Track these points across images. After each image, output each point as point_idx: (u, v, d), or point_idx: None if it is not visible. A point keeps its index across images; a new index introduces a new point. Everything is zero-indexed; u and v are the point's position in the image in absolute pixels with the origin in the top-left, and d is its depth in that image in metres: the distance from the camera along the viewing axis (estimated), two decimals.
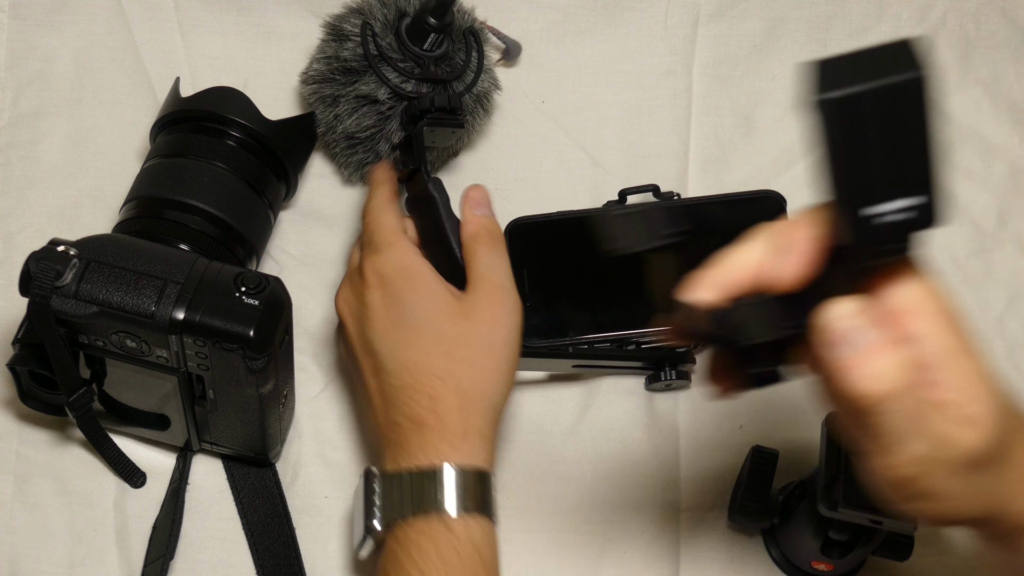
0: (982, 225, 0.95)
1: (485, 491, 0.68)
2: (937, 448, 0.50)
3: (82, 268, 0.68)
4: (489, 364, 0.71)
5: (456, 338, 0.71)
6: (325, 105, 0.86)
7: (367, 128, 0.84)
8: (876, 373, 0.49)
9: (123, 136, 0.92)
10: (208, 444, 0.79)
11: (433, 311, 0.71)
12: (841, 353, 0.49)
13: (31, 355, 0.73)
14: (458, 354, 0.70)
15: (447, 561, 0.65)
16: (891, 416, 0.49)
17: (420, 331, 0.71)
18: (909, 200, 0.47)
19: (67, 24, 0.95)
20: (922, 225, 0.48)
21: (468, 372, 0.70)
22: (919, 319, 0.51)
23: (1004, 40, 1.02)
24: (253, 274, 0.70)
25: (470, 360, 0.70)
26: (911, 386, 0.49)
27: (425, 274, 0.73)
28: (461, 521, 0.66)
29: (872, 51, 0.46)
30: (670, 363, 0.84)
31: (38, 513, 0.78)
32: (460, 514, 0.66)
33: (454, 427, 0.68)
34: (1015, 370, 0.88)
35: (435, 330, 0.71)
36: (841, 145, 0.46)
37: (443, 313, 0.72)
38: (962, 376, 0.52)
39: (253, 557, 0.78)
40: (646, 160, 0.95)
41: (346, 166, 0.88)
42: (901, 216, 0.47)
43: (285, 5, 0.97)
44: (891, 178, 0.46)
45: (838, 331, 0.49)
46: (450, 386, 0.69)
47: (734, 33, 1.00)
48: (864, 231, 0.47)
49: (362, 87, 0.84)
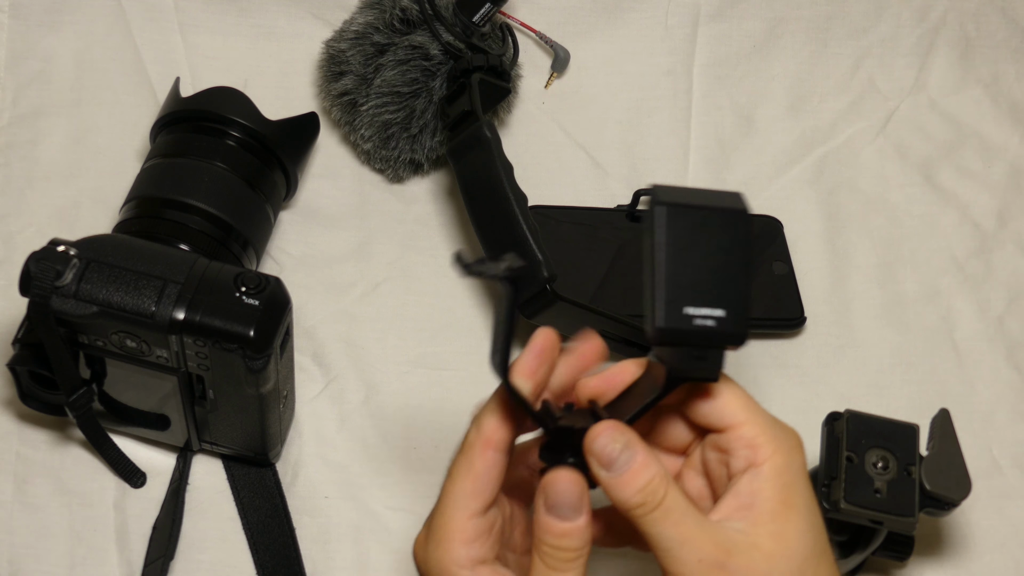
0: (982, 225, 0.95)
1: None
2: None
3: (82, 268, 0.68)
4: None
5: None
6: (365, 57, 0.86)
7: (412, 81, 0.85)
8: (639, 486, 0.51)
9: (123, 136, 0.92)
10: (208, 444, 0.79)
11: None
12: (608, 473, 0.52)
13: (31, 355, 0.73)
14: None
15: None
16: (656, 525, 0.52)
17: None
18: (714, 311, 0.51)
19: (67, 24, 0.95)
20: (720, 337, 0.51)
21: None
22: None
23: (1004, 40, 1.02)
24: (253, 274, 0.70)
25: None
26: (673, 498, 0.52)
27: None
28: None
29: (709, 191, 0.52)
30: None
31: (38, 513, 0.78)
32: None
33: None
34: (1015, 370, 0.88)
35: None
36: (669, 248, 0.50)
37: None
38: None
39: (253, 557, 0.78)
40: (646, 160, 0.95)
41: (370, 125, 0.88)
42: (702, 322, 0.51)
43: (285, 5, 0.97)
44: (703, 288, 0.50)
45: (603, 455, 0.52)
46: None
47: (734, 33, 1.00)
48: (666, 327, 0.50)
49: (416, 37, 0.85)
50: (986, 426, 0.86)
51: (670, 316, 0.50)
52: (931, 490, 0.70)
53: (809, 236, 0.93)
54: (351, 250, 0.90)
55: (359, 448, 0.82)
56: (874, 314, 0.90)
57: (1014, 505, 0.83)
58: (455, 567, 0.52)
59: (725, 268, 0.51)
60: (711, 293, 0.51)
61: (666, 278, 0.51)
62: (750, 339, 0.86)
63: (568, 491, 0.52)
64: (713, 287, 0.51)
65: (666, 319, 0.50)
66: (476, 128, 0.81)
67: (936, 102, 1.00)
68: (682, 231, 0.50)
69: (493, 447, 0.53)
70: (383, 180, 0.92)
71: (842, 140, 0.98)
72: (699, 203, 0.51)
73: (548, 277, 0.78)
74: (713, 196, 0.52)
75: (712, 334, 0.51)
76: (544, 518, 0.52)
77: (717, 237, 0.51)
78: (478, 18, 0.88)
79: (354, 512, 0.79)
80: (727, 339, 0.51)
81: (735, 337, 0.51)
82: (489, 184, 0.80)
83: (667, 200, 0.51)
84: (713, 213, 0.51)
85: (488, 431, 0.53)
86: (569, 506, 0.52)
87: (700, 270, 0.51)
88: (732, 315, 0.51)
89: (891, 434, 0.71)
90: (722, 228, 0.51)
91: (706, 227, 0.51)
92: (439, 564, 0.53)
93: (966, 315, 0.91)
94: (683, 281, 0.51)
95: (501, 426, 0.53)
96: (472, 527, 0.53)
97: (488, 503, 0.53)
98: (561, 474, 0.52)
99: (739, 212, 0.51)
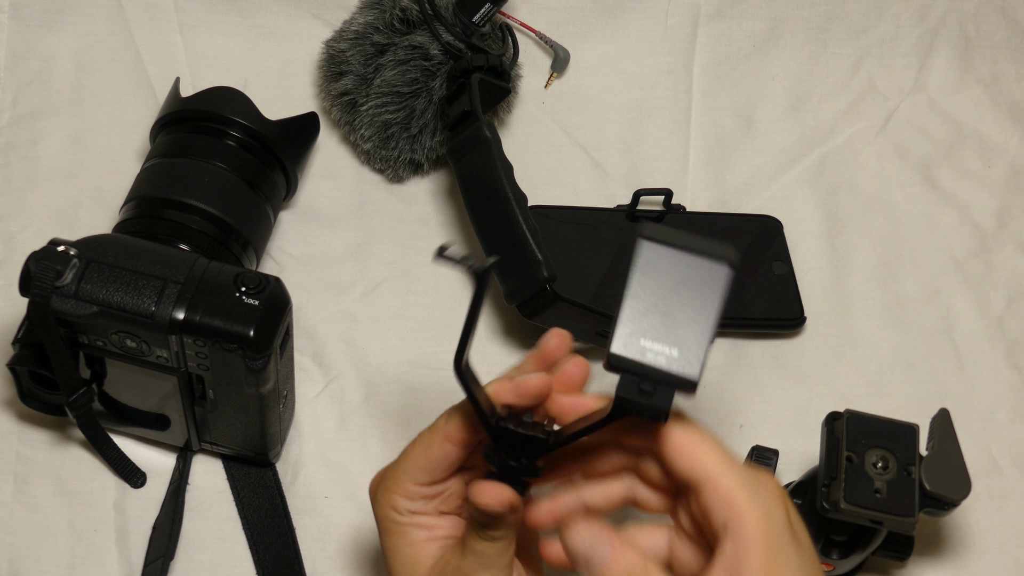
0: (982, 225, 0.95)
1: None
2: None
3: (82, 268, 0.68)
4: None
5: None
6: (365, 57, 0.86)
7: (412, 81, 0.85)
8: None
9: (123, 136, 0.92)
10: (208, 444, 0.79)
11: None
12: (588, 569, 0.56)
13: (31, 355, 0.73)
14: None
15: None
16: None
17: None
18: (669, 349, 0.52)
19: (67, 24, 0.95)
20: (669, 375, 0.52)
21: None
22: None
23: (1004, 40, 1.02)
24: (253, 274, 0.70)
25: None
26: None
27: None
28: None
29: (705, 239, 0.53)
30: None
31: (38, 513, 0.78)
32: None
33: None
34: (1015, 370, 0.88)
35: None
36: (640, 280, 0.52)
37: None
38: None
39: (253, 557, 0.78)
40: (646, 160, 0.95)
41: (370, 125, 0.88)
42: (654, 357, 0.52)
43: (285, 5, 0.97)
44: (665, 326, 0.52)
45: (578, 554, 0.56)
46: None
47: (734, 33, 1.00)
48: (618, 354, 0.52)
49: (416, 37, 0.85)
50: (986, 426, 0.86)
51: (625, 344, 0.52)
52: (931, 490, 0.70)
53: (809, 236, 0.93)
54: (351, 250, 0.90)
55: (359, 448, 0.82)
56: (874, 314, 0.90)
57: (1014, 505, 0.83)
58: (392, 512, 0.61)
59: (693, 313, 0.52)
60: (671, 332, 0.52)
61: (629, 308, 0.52)
62: (750, 339, 0.86)
63: (491, 503, 0.56)
64: (675, 327, 0.52)
65: (620, 346, 0.52)
66: (476, 128, 0.81)
67: (936, 102, 1.00)
68: (657, 268, 0.52)
69: (453, 443, 0.59)
70: (383, 180, 0.92)
71: (842, 140, 0.98)
72: (683, 246, 0.52)
73: (548, 277, 0.78)
74: (702, 244, 0.53)
75: (662, 371, 0.52)
76: (471, 521, 0.58)
77: (693, 283, 0.52)
78: (478, 18, 0.88)
79: (354, 512, 0.79)
80: (676, 379, 0.52)
81: (684, 379, 0.52)
82: (489, 184, 0.80)
83: (651, 236, 0.53)
84: (695, 260, 0.52)
85: (450, 429, 0.59)
86: (490, 516, 0.57)
87: (665, 308, 0.52)
88: (685, 356, 0.52)
89: (891, 434, 0.71)
90: (700, 276, 0.52)
91: (683, 271, 0.52)
92: (381, 506, 0.61)
93: (966, 315, 0.91)
94: (646, 315, 0.52)
95: (463, 427, 0.59)
96: (416, 491, 0.60)
97: (436, 480, 0.60)
98: (486, 487, 0.56)
99: (721, 265, 0.52)
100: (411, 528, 0.61)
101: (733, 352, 0.87)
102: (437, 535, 0.61)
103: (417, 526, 0.61)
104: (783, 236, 0.91)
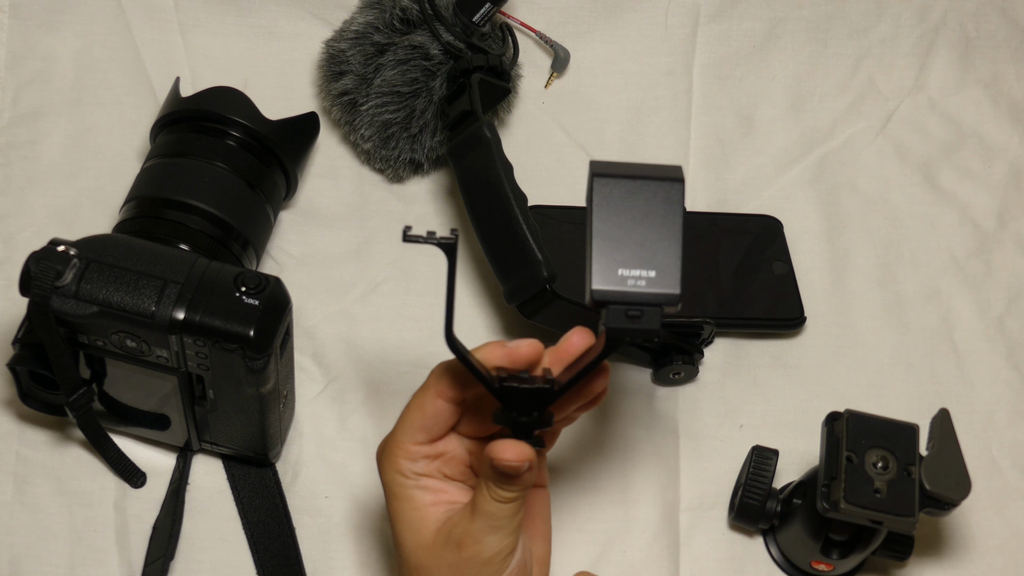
0: (982, 225, 0.95)
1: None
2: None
3: (82, 268, 0.68)
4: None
5: None
6: (365, 57, 0.86)
7: (412, 81, 0.85)
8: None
9: (123, 136, 0.92)
10: (208, 444, 0.79)
11: None
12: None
13: (31, 355, 0.73)
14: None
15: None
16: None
17: None
18: (647, 271, 0.54)
19: (67, 24, 0.95)
20: (653, 295, 0.54)
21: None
22: None
23: (1004, 40, 1.02)
24: (253, 274, 0.70)
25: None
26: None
27: None
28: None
29: (649, 165, 0.56)
30: (677, 351, 0.84)
31: (38, 513, 0.78)
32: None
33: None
34: (1015, 370, 0.88)
35: None
36: (600, 216, 0.55)
37: None
38: None
39: (253, 557, 0.78)
40: (646, 160, 0.95)
41: (370, 125, 0.88)
42: (635, 283, 0.54)
43: (285, 5, 0.97)
44: (636, 252, 0.54)
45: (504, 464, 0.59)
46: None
47: (734, 33, 1.00)
48: (600, 288, 0.54)
49: (417, 37, 0.85)
50: (986, 426, 0.86)
51: (604, 278, 0.54)
52: (931, 490, 0.70)
53: (809, 236, 0.93)
54: (351, 250, 0.90)
55: (359, 448, 0.82)
56: (874, 314, 0.90)
57: (1014, 506, 0.83)
58: (397, 475, 0.63)
59: (659, 234, 0.54)
60: (644, 256, 0.54)
61: (599, 244, 0.54)
62: (750, 339, 0.86)
63: (512, 459, 0.58)
64: (646, 250, 0.54)
65: (600, 281, 0.54)
66: (476, 128, 0.81)
67: (936, 102, 1.00)
68: (613, 200, 0.54)
69: (445, 399, 0.61)
70: (383, 180, 0.92)
71: (842, 140, 0.98)
72: (631, 174, 0.55)
73: (548, 277, 0.78)
74: (650, 169, 0.55)
75: (646, 293, 0.54)
76: (485, 481, 0.60)
77: (650, 205, 0.55)
78: (478, 18, 0.88)
79: (354, 512, 0.79)
80: (660, 297, 0.54)
81: (668, 296, 0.54)
82: (489, 184, 0.80)
83: (599, 172, 0.55)
84: (645, 183, 0.55)
85: (441, 386, 0.61)
86: (509, 474, 0.59)
87: (632, 235, 0.54)
88: (663, 274, 0.54)
89: (891, 434, 0.71)
90: (654, 197, 0.55)
91: (638, 196, 0.55)
92: (386, 471, 0.64)
93: (966, 315, 0.91)
94: (616, 246, 0.54)
95: (453, 384, 0.61)
96: (417, 451, 0.63)
97: (434, 438, 0.63)
98: (507, 444, 0.58)
99: (670, 182, 0.55)
100: (416, 491, 0.63)
101: (733, 352, 0.87)
102: (442, 499, 0.63)
103: (422, 488, 0.63)
104: (783, 236, 0.91)
